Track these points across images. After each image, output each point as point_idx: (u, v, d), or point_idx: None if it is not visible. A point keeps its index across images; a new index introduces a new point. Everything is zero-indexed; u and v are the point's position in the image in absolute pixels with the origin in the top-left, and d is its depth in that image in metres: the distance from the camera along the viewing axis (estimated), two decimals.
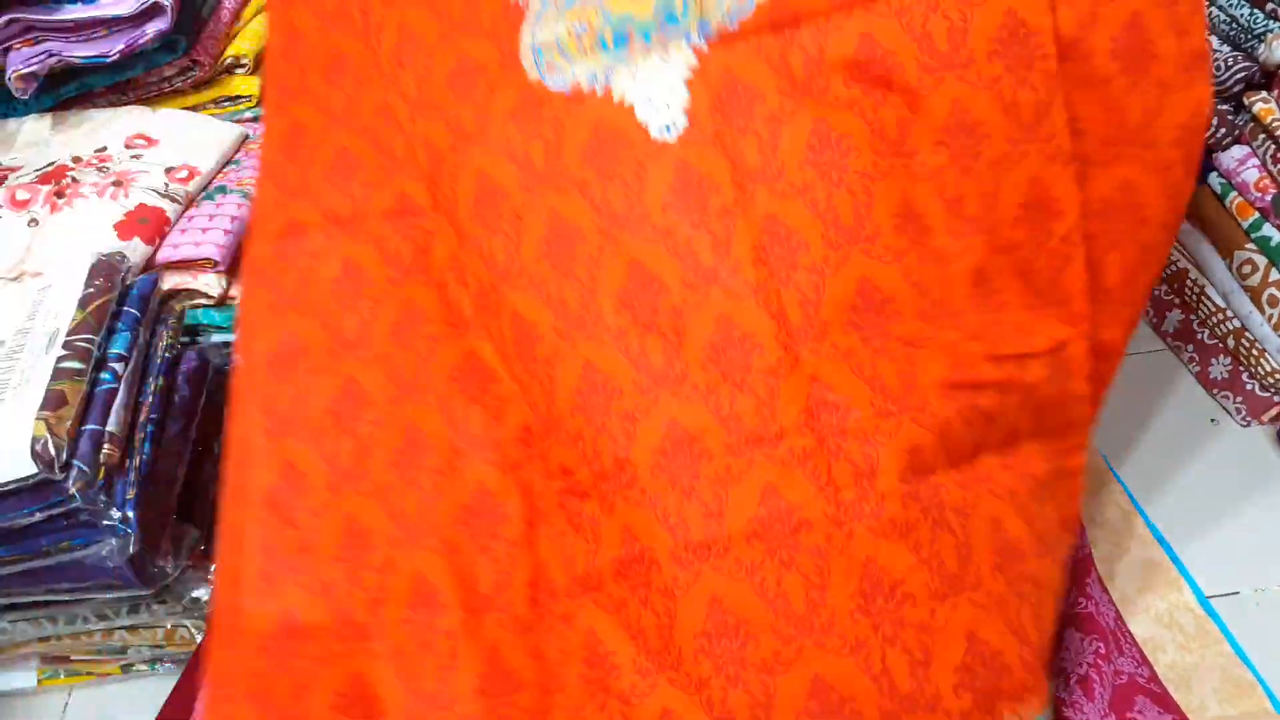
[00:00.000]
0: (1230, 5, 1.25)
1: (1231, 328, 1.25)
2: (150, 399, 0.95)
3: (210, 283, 1.12)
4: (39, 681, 1.07)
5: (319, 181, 1.04)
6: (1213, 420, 1.26)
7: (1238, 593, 1.06)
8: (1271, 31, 1.19)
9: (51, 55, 1.19)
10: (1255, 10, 1.22)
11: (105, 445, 0.86)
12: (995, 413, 0.87)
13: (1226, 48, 1.27)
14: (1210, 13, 1.29)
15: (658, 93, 0.93)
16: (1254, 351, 1.21)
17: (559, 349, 0.91)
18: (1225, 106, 1.29)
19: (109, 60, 1.21)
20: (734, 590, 0.80)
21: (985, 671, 0.78)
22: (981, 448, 0.87)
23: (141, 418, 0.94)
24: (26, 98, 1.24)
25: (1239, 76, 1.24)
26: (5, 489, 0.82)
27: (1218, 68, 1.26)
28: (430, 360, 0.96)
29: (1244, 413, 1.24)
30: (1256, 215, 1.22)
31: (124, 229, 1.10)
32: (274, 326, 0.98)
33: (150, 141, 1.24)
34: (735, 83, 0.90)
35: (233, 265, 1.16)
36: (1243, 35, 1.23)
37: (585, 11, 0.96)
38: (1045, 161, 0.85)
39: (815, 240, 0.85)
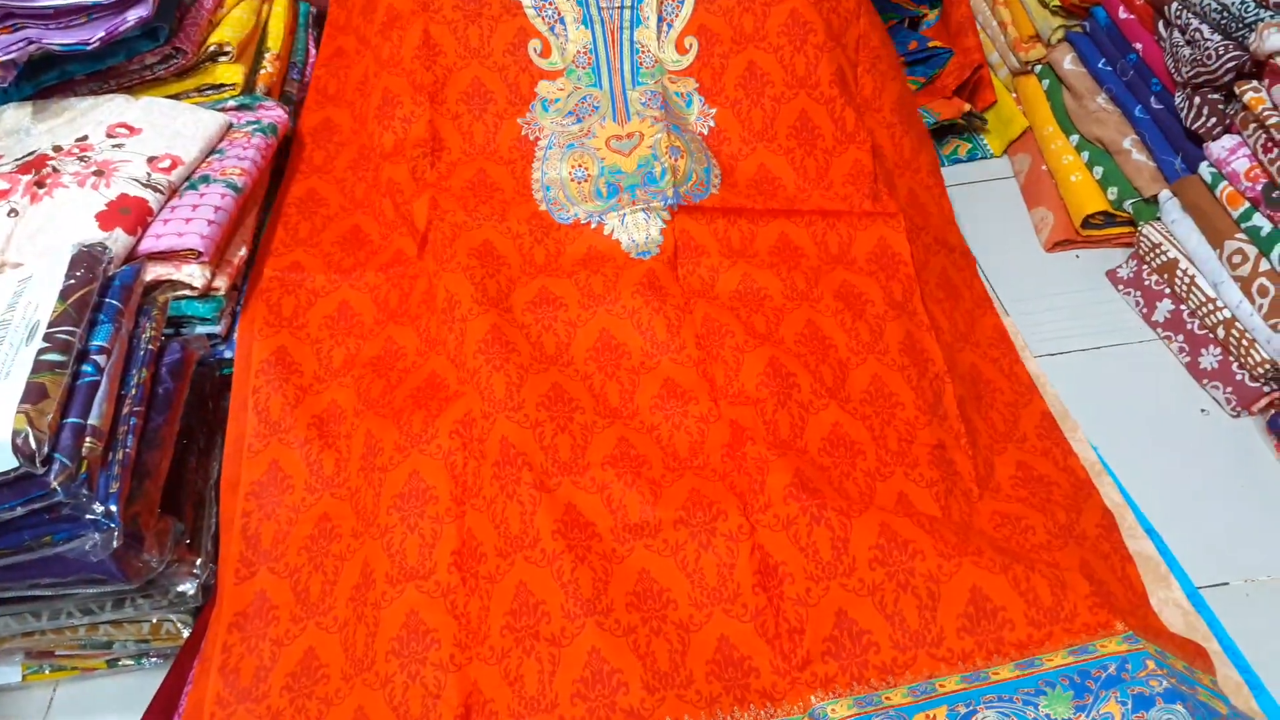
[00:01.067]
0: None
1: (1222, 318, 1.25)
2: (133, 391, 0.94)
3: (194, 274, 1.11)
4: (23, 676, 1.06)
5: (330, 244, 1.31)
6: (1203, 411, 1.26)
7: (1228, 583, 1.06)
8: (1262, 20, 1.18)
9: (31, 43, 1.17)
10: None
11: (87, 438, 0.85)
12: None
13: (1217, 36, 1.26)
14: (1201, 1, 1.28)
15: (638, 234, 1.28)
16: (1244, 342, 1.21)
17: (533, 368, 1.11)
18: (1216, 96, 1.29)
19: (89, 48, 1.19)
20: (661, 564, 0.96)
21: (853, 646, 0.92)
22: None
23: (124, 410, 0.92)
24: (6, 86, 1.23)
25: (1229, 65, 1.23)
26: None
27: (1208, 56, 1.25)
28: (399, 386, 1.15)
29: (1234, 403, 1.24)
30: (1247, 205, 1.22)
31: (105, 219, 1.09)
32: (270, 340, 1.17)
33: (132, 130, 1.23)
34: (691, 240, 1.27)
35: (216, 256, 1.15)
36: (1234, 24, 1.22)
37: (583, 157, 1.34)
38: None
39: (738, 331, 1.16)
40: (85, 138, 1.22)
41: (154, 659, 1.05)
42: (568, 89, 1.38)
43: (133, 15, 1.19)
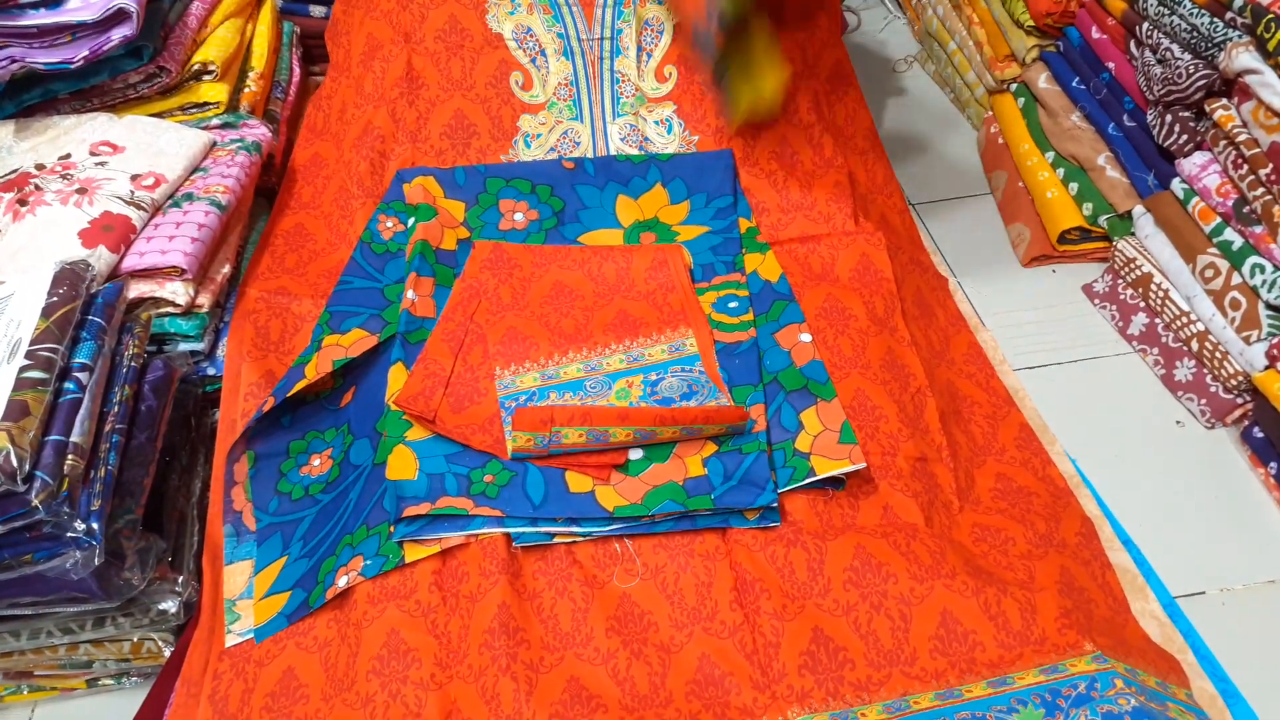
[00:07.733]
0: (1191, 14, 1.27)
1: (1195, 331, 1.27)
2: (115, 408, 0.94)
3: (177, 290, 1.11)
4: (1, 697, 1.05)
5: (317, 275, 1.31)
6: (1178, 422, 1.27)
7: (1204, 593, 1.07)
8: (1231, 40, 1.21)
9: (14, 61, 1.17)
10: (1215, 19, 1.25)
11: (69, 456, 0.85)
12: None
13: (1188, 56, 1.29)
14: (1171, 21, 1.31)
15: None
16: (1217, 354, 1.23)
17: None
18: (1187, 113, 1.31)
19: (73, 67, 1.19)
20: (641, 587, 0.96)
21: (829, 661, 0.91)
22: None
23: (106, 428, 0.92)
24: None
25: (1200, 84, 1.26)
26: None
27: (1179, 75, 1.28)
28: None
29: (1208, 415, 1.25)
30: (1219, 220, 1.24)
31: (89, 237, 1.09)
32: (259, 364, 1.17)
33: (116, 148, 1.23)
34: None
35: (200, 273, 1.15)
36: (1203, 44, 1.25)
37: None
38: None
39: None
40: (68, 156, 1.22)
41: (134, 678, 1.05)
42: (549, 123, 1.39)
43: (117, 34, 1.19)
